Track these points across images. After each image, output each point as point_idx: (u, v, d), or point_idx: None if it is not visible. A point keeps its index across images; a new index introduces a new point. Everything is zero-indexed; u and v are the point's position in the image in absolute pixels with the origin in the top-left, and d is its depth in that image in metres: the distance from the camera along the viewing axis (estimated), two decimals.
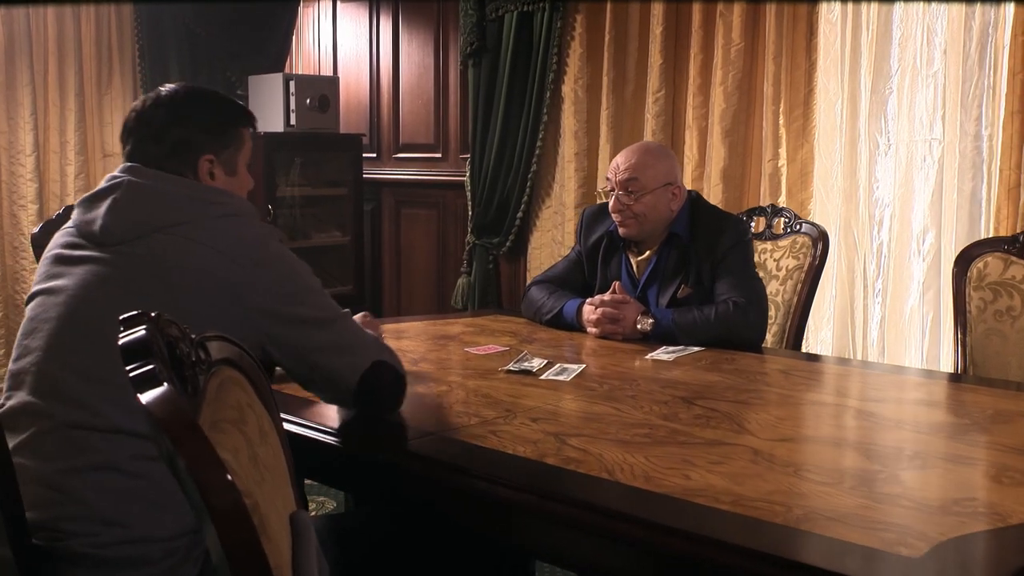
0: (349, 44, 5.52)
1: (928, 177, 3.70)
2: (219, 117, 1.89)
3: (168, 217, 1.73)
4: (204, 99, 1.91)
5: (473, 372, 2.29)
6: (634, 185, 2.74)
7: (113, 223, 1.72)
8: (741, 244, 2.77)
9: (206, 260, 1.70)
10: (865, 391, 2.22)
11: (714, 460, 1.64)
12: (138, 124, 1.84)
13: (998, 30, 3.47)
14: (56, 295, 1.74)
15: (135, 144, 1.83)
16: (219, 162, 1.86)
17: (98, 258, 1.73)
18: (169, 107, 1.84)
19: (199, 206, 1.75)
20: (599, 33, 4.45)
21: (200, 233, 1.72)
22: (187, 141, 1.82)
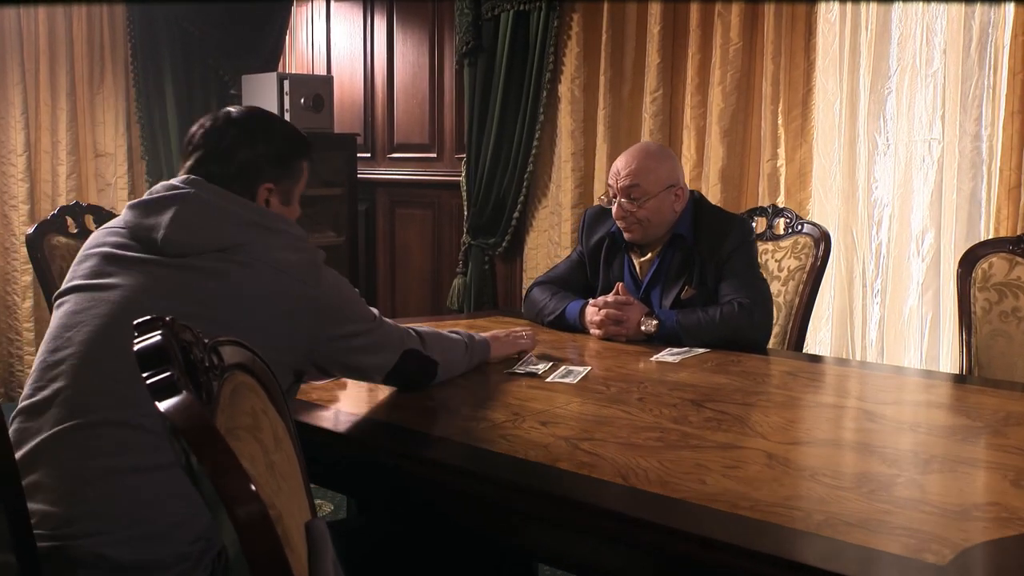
0: (343, 43, 5.48)
1: (927, 177, 3.69)
2: (286, 147, 1.91)
3: (232, 237, 1.75)
4: (274, 127, 1.93)
5: (478, 374, 2.27)
6: (636, 192, 2.72)
7: (178, 234, 1.73)
8: (746, 244, 2.75)
9: (265, 281, 1.73)
10: (873, 393, 2.20)
11: (728, 464, 1.62)
12: (206, 140, 1.84)
13: (998, 30, 3.46)
14: (107, 291, 1.72)
15: (200, 159, 1.84)
16: (277, 191, 1.89)
17: (157, 264, 1.73)
18: (241, 129, 1.86)
19: (262, 231, 1.78)
20: (596, 32, 4.42)
21: (262, 255, 1.75)
22: (253, 166, 1.85)
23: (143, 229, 1.76)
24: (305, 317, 1.77)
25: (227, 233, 1.75)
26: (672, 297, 2.75)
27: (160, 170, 5.05)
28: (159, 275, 1.72)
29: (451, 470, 1.65)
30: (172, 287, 1.71)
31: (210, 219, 1.76)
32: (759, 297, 2.67)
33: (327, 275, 1.84)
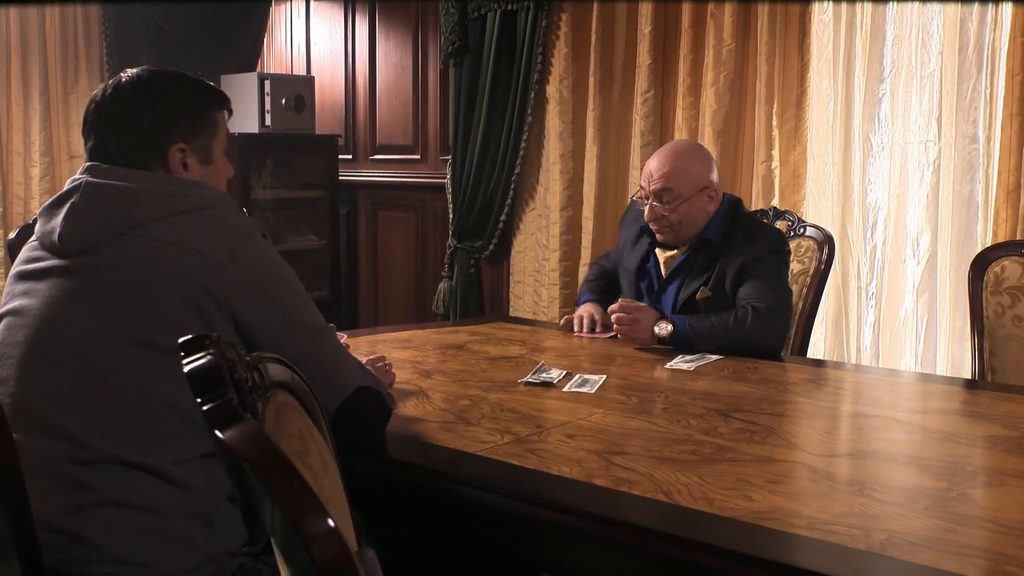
0: (323, 43, 5.38)
1: (923, 179, 3.67)
2: (189, 100, 1.70)
3: (130, 217, 1.56)
4: (170, 82, 1.71)
5: (492, 384, 2.19)
6: (668, 195, 2.66)
7: (71, 230, 1.57)
8: (777, 254, 2.69)
9: (176, 261, 1.54)
10: (900, 401, 2.15)
11: (772, 479, 1.56)
12: (99, 116, 1.65)
13: (996, 31, 3.43)
14: (22, 316, 1.59)
15: (96, 139, 1.65)
16: (192, 150, 1.67)
17: (62, 270, 1.58)
18: (132, 94, 1.65)
19: (165, 201, 1.58)
20: (585, 33, 4.36)
21: (167, 231, 1.56)
22: (154, 130, 1.64)
23: (46, 235, 1.60)
24: (220, 293, 1.54)
25: (125, 213, 1.56)
26: (687, 294, 2.69)
27: None
28: (63, 283, 1.56)
29: (482, 487, 1.58)
30: (75, 292, 1.55)
31: (105, 204, 1.57)
32: (777, 303, 2.61)
33: (255, 245, 1.60)
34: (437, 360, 2.48)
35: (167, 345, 1.48)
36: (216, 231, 1.59)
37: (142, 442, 1.51)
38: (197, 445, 1.54)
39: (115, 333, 1.53)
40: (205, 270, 1.54)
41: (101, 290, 1.55)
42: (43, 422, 1.50)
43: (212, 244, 1.56)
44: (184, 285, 1.54)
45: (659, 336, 2.56)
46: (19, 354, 1.57)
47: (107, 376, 1.52)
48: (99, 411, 1.51)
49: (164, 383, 1.52)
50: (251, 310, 1.58)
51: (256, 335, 1.58)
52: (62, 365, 1.54)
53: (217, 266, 1.55)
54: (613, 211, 4.39)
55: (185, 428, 1.54)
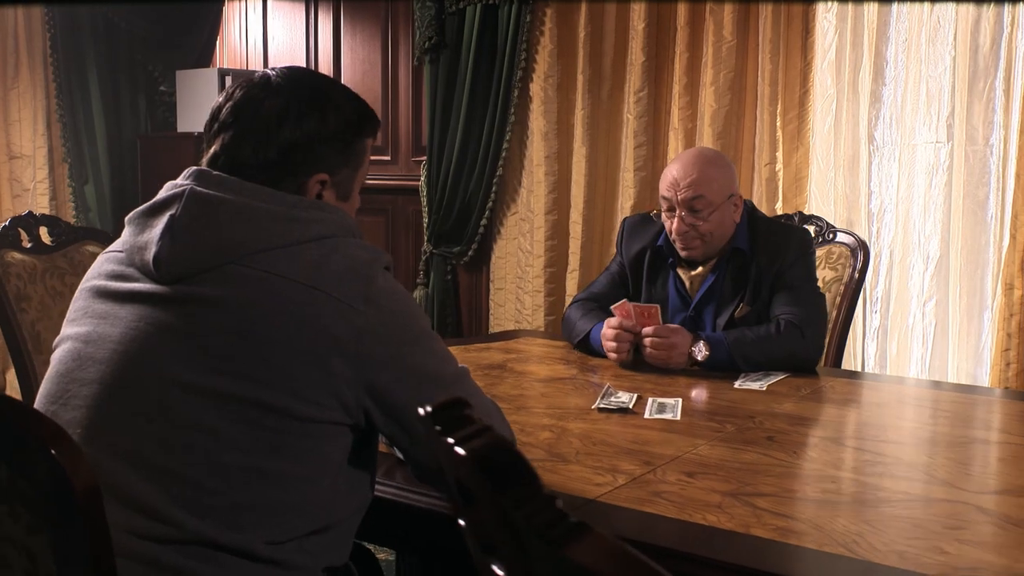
0: (282, 38, 5.09)
1: (933, 182, 3.57)
2: (346, 121, 1.42)
3: (244, 242, 1.29)
4: (331, 93, 1.43)
5: (564, 411, 1.99)
6: (700, 203, 2.45)
7: (171, 251, 1.29)
8: (805, 257, 2.54)
9: (299, 302, 1.28)
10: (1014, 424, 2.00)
11: (949, 525, 1.39)
12: (235, 117, 1.37)
13: (1013, 29, 3.35)
14: (96, 346, 1.31)
15: (225, 145, 1.37)
16: (332, 183, 1.42)
17: (154, 297, 1.30)
18: (286, 98, 1.38)
19: (284, 227, 1.31)
20: (571, 29, 4.17)
21: (287, 264, 1.29)
22: (299, 149, 1.37)
23: (137, 250, 1.33)
24: (349, 339, 1.29)
25: (236, 237, 1.29)
26: (727, 316, 2.51)
27: (85, 173, 4.58)
28: (154, 315, 1.29)
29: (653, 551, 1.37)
30: (168, 327, 1.28)
31: (214, 222, 1.30)
32: (812, 314, 2.46)
33: (387, 283, 1.35)
34: (484, 383, 2.26)
35: (281, 406, 1.26)
36: (344, 267, 1.32)
37: (238, 520, 1.26)
38: (298, 525, 1.31)
39: (215, 386, 1.26)
40: (334, 315, 1.29)
41: (202, 331, 1.28)
42: (116, 487, 1.23)
43: (341, 283, 1.30)
44: (308, 332, 1.27)
45: (697, 360, 2.36)
46: (90, 396, 1.30)
47: (201, 437, 1.26)
48: (187, 480, 1.26)
49: (272, 452, 1.28)
50: (387, 363, 1.33)
51: (391, 393, 1.34)
52: (145, 418, 1.27)
53: (348, 311, 1.29)
54: (603, 215, 4.22)
55: (286, 505, 1.30)
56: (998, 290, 3.41)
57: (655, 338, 2.32)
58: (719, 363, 2.33)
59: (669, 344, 2.32)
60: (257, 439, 1.27)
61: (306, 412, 1.29)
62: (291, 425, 1.28)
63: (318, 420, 1.30)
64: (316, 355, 1.28)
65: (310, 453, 1.31)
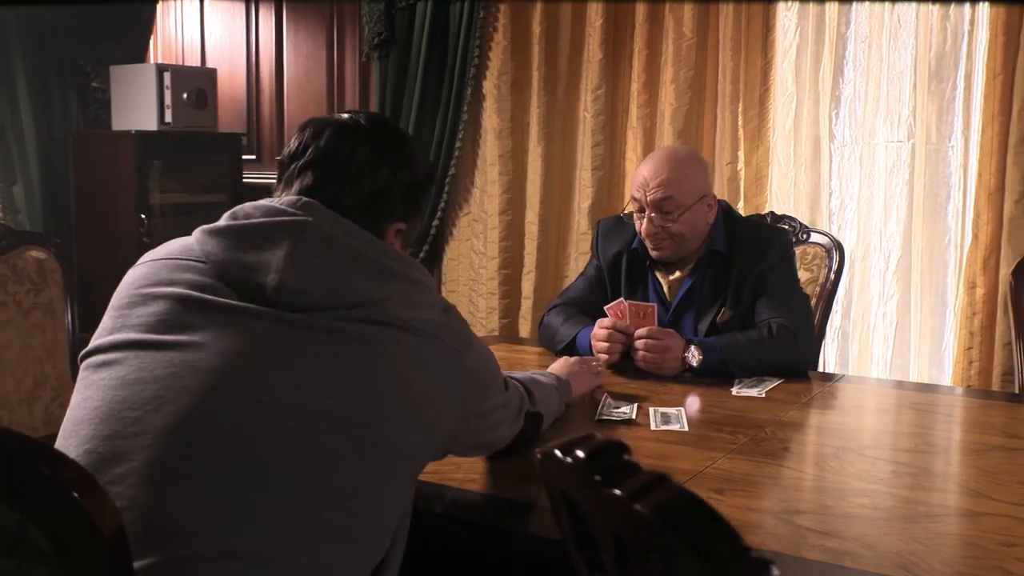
0: (220, 32, 4.90)
1: (894, 181, 3.57)
2: (422, 176, 1.46)
3: (368, 287, 1.29)
4: (410, 147, 1.46)
5: (564, 423, 1.89)
6: (670, 204, 2.37)
7: (298, 281, 1.25)
8: (786, 259, 2.49)
9: (416, 341, 1.29)
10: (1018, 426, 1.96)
11: (1004, 542, 1.34)
12: (328, 156, 1.36)
13: (973, 30, 3.36)
14: (191, 352, 1.21)
15: (319, 180, 1.36)
16: (405, 233, 1.45)
17: (263, 318, 1.25)
18: (376, 146, 1.39)
19: (397, 282, 1.32)
20: (526, 25, 4.08)
21: (404, 311, 1.30)
22: (384, 196, 1.39)
23: (241, 268, 1.27)
24: (455, 392, 1.34)
25: (361, 282, 1.29)
26: (708, 321, 2.44)
27: (14, 174, 4.34)
28: (269, 334, 1.24)
29: None
30: (288, 351, 1.23)
31: (338, 262, 1.29)
32: (800, 317, 2.41)
33: (470, 334, 1.42)
34: None
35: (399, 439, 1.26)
36: (442, 315, 1.36)
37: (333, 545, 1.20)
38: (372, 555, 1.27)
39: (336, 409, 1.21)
40: (450, 357, 1.33)
41: (321, 357, 1.23)
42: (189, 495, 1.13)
43: (448, 330, 1.34)
44: (429, 370, 1.30)
45: (690, 365, 2.29)
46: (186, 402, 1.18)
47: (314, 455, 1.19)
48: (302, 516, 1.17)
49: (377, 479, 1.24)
50: (478, 400, 1.41)
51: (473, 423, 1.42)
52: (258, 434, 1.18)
53: (457, 355, 1.34)
54: (559, 215, 4.14)
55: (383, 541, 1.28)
56: (960, 289, 3.42)
57: (649, 340, 2.24)
58: (712, 368, 2.26)
59: (663, 347, 2.24)
60: (366, 464, 1.22)
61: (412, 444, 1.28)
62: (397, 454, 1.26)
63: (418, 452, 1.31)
64: (431, 393, 1.30)
65: (399, 486, 1.29)
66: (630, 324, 2.30)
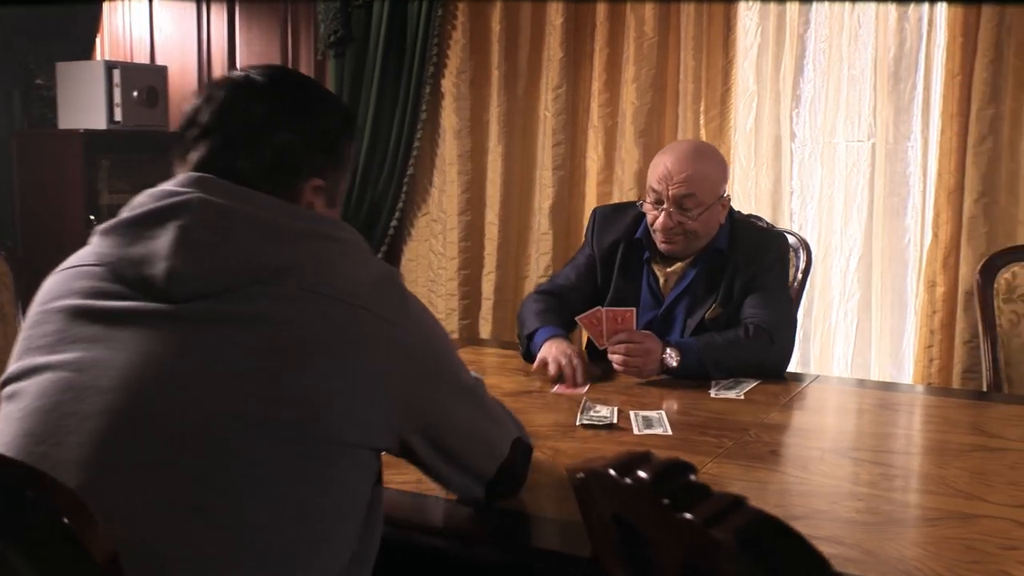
0: (170, 29, 4.78)
1: (855, 180, 3.59)
2: (336, 125, 1.32)
3: (274, 257, 1.16)
4: (321, 96, 1.34)
5: (547, 429, 1.87)
6: (690, 201, 2.34)
7: (189, 265, 1.14)
8: (782, 262, 2.48)
9: (338, 317, 1.16)
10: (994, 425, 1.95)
11: (1004, 545, 1.34)
12: (220, 119, 1.24)
13: (931, 32, 3.39)
14: (94, 374, 1.11)
15: (215, 150, 1.23)
16: (325, 188, 1.30)
17: (164, 316, 1.13)
18: (276, 101, 1.26)
19: (311, 243, 1.20)
20: (485, 23, 4.04)
21: (320, 280, 1.17)
22: (292, 153, 1.25)
23: (129, 264, 1.16)
24: (391, 373, 1.19)
25: (265, 253, 1.16)
26: (699, 316, 2.42)
27: None
28: (170, 337, 1.13)
29: None
30: (190, 353, 1.12)
31: (236, 235, 1.16)
32: (782, 319, 2.40)
33: (412, 297, 1.27)
34: None
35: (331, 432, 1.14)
36: (377, 283, 1.22)
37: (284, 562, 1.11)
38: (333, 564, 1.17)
39: (256, 413, 1.10)
40: (379, 332, 1.19)
41: (234, 352, 1.12)
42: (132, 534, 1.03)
43: (380, 300, 1.21)
44: (354, 350, 1.17)
45: (669, 366, 2.26)
46: (95, 430, 1.08)
47: (243, 471, 1.09)
48: (227, 521, 1.08)
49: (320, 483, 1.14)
50: (425, 381, 1.25)
51: (427, 412, 1.26)
52: (174, 452, 1.08)
53: (392, 328, 1.20)
54: (519, 215, 4.10)
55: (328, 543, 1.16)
56: (920, 287, 3.45)
57: (629, 344, 2.21)
58: (689, 370, 2.24)
59: (644, 350, 2.21)
60: (306, 470, 1.13)
61: (355, 437, 1.17)
62: (340, 452, 1.16)
63: (364, 446, 1.20)
64: (364, 374, 1.17)
65: (352, 484, 1.20)
66: (607, 330, 2.27)
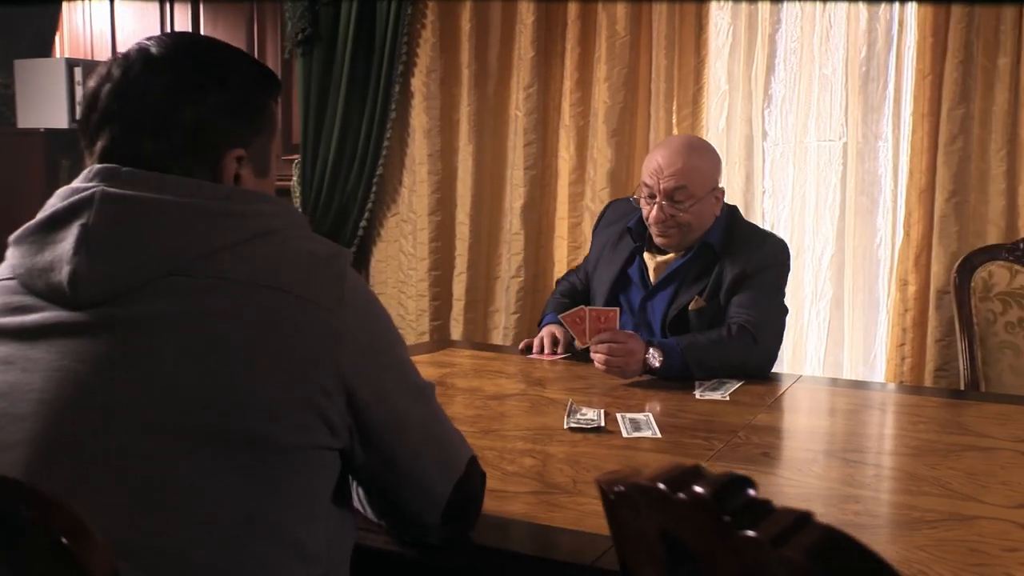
0: (131, 27, 4.69)
1: (827, 179, 3.60)
2: (247, 87, 1.19)
3: (182, 247, 1.08)
4: (221, 57, 1.21)
5: (534, 433, 1.84)
6: (682, 194, 2.37)
7: (91, 268, 1.06)
8: (780, 267, 2.47)
9: (260, 305, 1.07)
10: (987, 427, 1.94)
11: (1005, 547, 1.33)
12: (120, 104, 1.13)
13: (901, 32, 3.40)
14: (9, 400, 1.05)
15: (117, 137, 1.13)
16: (249, 157, 1.18)
17: (74, 326, 1.06)
18: (172, 74, 1.14)
19: (225, 223, 1.10)
20: (454, 22, 4.00)
21: (243, 266, 1.09)
22: (205, 128, 1.14)
23: (38, 273, 1.08)
24: (326, 351, 1.09)
25: (170, 242, 1.07)
26: (680, 305, 2.41)
27: None
28: (82, 348, 1.05)
29: None
30: (109, 362, 1.04)
31: (141, 226, 1.07)
32: (768, 319, 2.40)
33: (355, 280, 1.16)
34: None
35: (261, 435, 1.05)
36: (308, 263, 1.13)
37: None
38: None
39: (178, 423, 1.03)
40: (307, 319, 1.09)
41: (148, 358, 1.04)
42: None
43: (309, 282, 1.11)
44: (279, 342, 1.07)
45: (652, 367, 2.25)
46: (16, 463, 1.01)
47: (173, 490, 1.03)
48: (165, 548, 1.02)
49: (260, 494, 1.06)
50: (368, 374, 1.14)
51: (373, 409, 1.14)
52: (97, 479, 1.02)
53: (322, 313, 1.10)
54: (490, 215, 4.07)
55: (281, 556, 1.09)
56: (892, 286, 3.46)
57: (612, 344, 2.20)
58: (672, 370, 2.23)
59: (627, 351, 2.20)
60: (240, 480, 1.05)
61: (290, 439, 1.07)
62: (275, 457, 1.07)
63: (304, 447, 1.09)
64: (292, 368, 1.07)
65: (299, 489, 1.11)
66: (589, 329, 2.25)
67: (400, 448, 1.18)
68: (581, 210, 3.83)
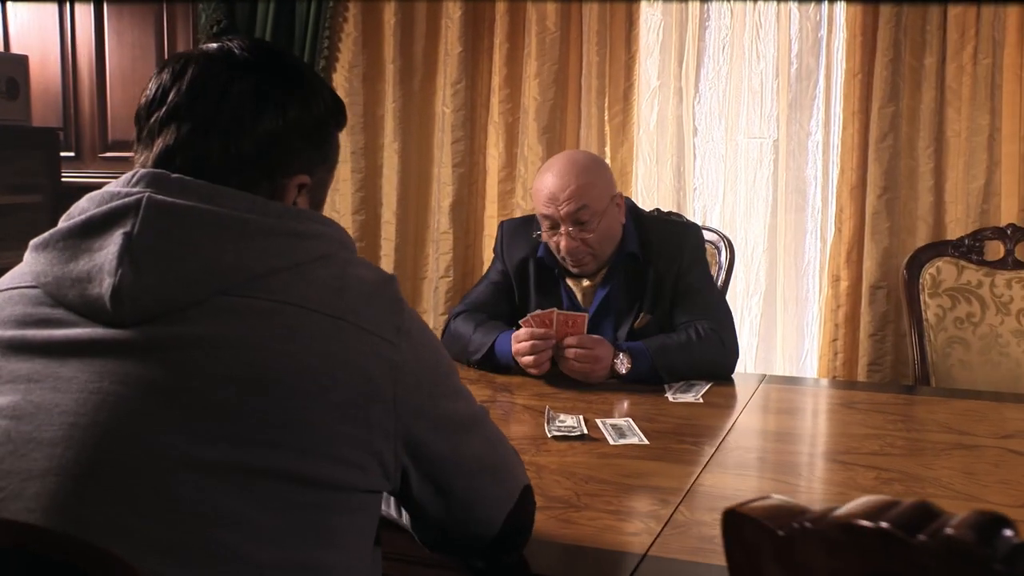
0: (27, 16, 4.43)
1: (758, 177, 3.62)
2: (325, 110, 1.12)
3: (239, 265, 0.98)
4: (308, 75, 1.14)
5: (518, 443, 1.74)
6: (585, 213, 2.25)
7: (137, 282, 0.95)
8: (701, 257, 2.44)
9: (321, 334, 0.99)
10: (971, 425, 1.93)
11: None
12: (195, 100, 1.04)
13: (831, 27, 3.44)
14: (35, 422, 0.92)
15: (182, 138, 1.04)
16: (312, 187, 1.11)
17: (114, 344, 0.95)
18: (259, 78, 1.07)
19: (285, 243, 1.01)
20: (377, 16, 3.89)
21: (300, 289, 1.00)
22: (281, 145, 1.06)
23: (70, 283, 0.98)
24: (386, 381, 1.01)
25: (225, 258, 0.98)
26: (627, 328, 2.35)
27: None
28: (123, 369, 0.94)
29: None
30: (154, 387, 0.93)
31: (189, 239, 0.98)
32: (725, 318, 2.38)
33: (410, 311, 1.09)
34: None
35: (320, 476, 0.97)
36: (366, 291, 1.04)
37: None
38: None
39: (231, 459, 0.93)
40: (367, 350, 1.01)
41: (199, 385, 0.94)
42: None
43: (370, 312, 1.03)
44: (340, 374, 0.98)
45: (619, 372, 2.19)
46: (44, 494, 0.89)
47: (221, 531, 0.92)
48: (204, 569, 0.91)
49: (313, 538, 0.97)
50: (424, 407, 1.06)
51: (429, 444, 1.08)
52: (136, 514, 0.90)
53: (382, 345, 1.02)
54: (417, 214, 3.97)
55: None
56: (824, 282, 3.50)
57: (579, 349, 2.13)
58: (640, 375, 2.18)
59: (594, 356, 2.14)
60: (294, 523, 0.96)
61: (349, 480, 1.00)
62: (332, 499, 0.99)
63: (361, 489, 1.02)
64: (353, 403, 0.99)
65: (351, 533, 1.03)
66: (557, 333, 2.18)
67: (455, 480, 1.13)
68: (511, 208, 3.76)
